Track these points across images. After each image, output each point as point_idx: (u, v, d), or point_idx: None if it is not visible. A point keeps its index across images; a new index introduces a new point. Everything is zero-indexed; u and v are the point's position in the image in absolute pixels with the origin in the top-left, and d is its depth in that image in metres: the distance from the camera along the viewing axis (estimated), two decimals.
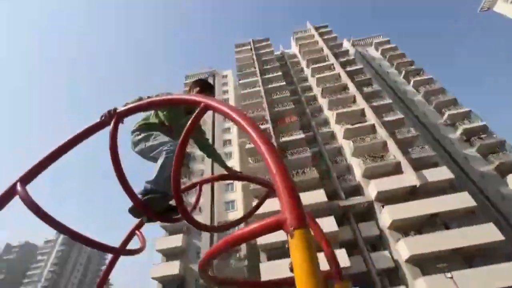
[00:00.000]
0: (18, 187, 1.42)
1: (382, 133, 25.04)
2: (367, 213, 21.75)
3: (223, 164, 2.13)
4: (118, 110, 1.44)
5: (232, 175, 2.18)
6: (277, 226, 0.72)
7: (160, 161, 1.53)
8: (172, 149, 1.54)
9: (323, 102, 31.72)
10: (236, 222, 2.23)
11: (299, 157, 24.89)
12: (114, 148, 1.45)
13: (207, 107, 1.13)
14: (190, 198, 26.37)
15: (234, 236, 0.85)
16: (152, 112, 1.88)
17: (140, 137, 1.79)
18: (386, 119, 26.51)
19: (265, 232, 0.77)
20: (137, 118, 1.91)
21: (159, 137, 1.71)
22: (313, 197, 20.50)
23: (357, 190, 23.22)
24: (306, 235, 0.64)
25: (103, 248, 1.85)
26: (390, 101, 29.40)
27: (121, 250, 2.11)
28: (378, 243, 20.32)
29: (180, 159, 1.33)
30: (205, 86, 1.88)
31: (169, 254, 24.38)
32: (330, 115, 29.73)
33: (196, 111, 1.15)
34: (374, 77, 35.16)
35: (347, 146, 25.82)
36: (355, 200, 22.10)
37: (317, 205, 20.12)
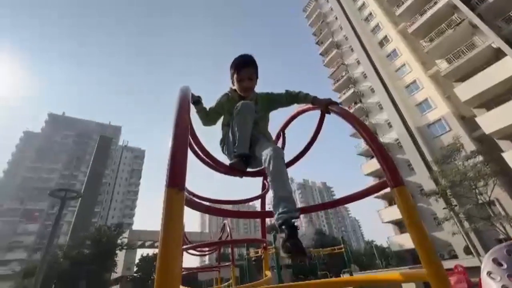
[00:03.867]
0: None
1: None
2: None
3: (306, 97, 1.70)
4: None
5: (319, 105, 1.54)
6: (383, 186, 1.06)
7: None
8: (234, 122, 1.57)
9: None
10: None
11: None
12: None
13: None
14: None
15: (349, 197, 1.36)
16: (221, 126, 1.85)
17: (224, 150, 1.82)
18: None
19: (377, 190, 1.19)
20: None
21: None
22: None
23: None
24: (403, 190, 0.93)
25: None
26: None
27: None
28: None
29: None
30: (238, 67, 1.71)
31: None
32: None
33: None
34: None
35: None
36: None
37: None
